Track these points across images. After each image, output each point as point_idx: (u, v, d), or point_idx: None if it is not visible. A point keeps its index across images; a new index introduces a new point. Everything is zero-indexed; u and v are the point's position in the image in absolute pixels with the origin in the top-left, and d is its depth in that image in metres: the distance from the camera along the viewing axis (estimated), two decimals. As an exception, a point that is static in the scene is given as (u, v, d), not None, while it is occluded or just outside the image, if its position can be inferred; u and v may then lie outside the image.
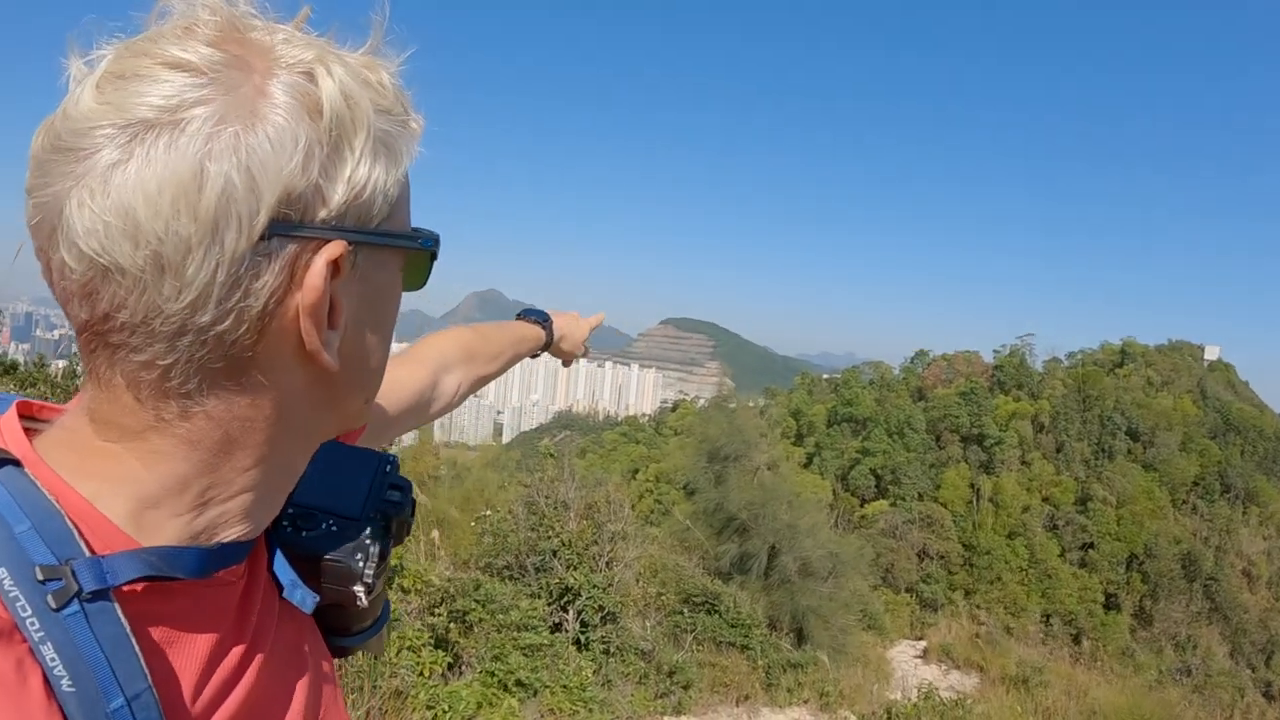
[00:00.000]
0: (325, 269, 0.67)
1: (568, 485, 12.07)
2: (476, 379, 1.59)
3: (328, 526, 0.86)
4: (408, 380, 1.37)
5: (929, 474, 48.36)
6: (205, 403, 0.68)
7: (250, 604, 0.79)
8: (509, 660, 7.59)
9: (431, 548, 10.50)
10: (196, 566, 0.70)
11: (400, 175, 0.74)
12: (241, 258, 0.64)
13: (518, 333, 1.76)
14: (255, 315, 0.66)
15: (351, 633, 0.96)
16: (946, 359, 58.27)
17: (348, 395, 0.78)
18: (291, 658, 0.85)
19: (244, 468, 0.72)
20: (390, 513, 0.90)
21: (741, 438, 19.66)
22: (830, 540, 18.15)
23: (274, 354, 0.69)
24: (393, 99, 0.74)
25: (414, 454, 20.84)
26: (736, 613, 12.85)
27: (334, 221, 0.68)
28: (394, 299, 0.81)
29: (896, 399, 53.29)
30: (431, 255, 0.83)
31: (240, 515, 0.74)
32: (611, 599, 10.47)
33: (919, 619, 27.63)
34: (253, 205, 0.63)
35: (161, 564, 0.67)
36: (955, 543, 43.33)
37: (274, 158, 0.64)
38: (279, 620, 0.83)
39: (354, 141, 0.69)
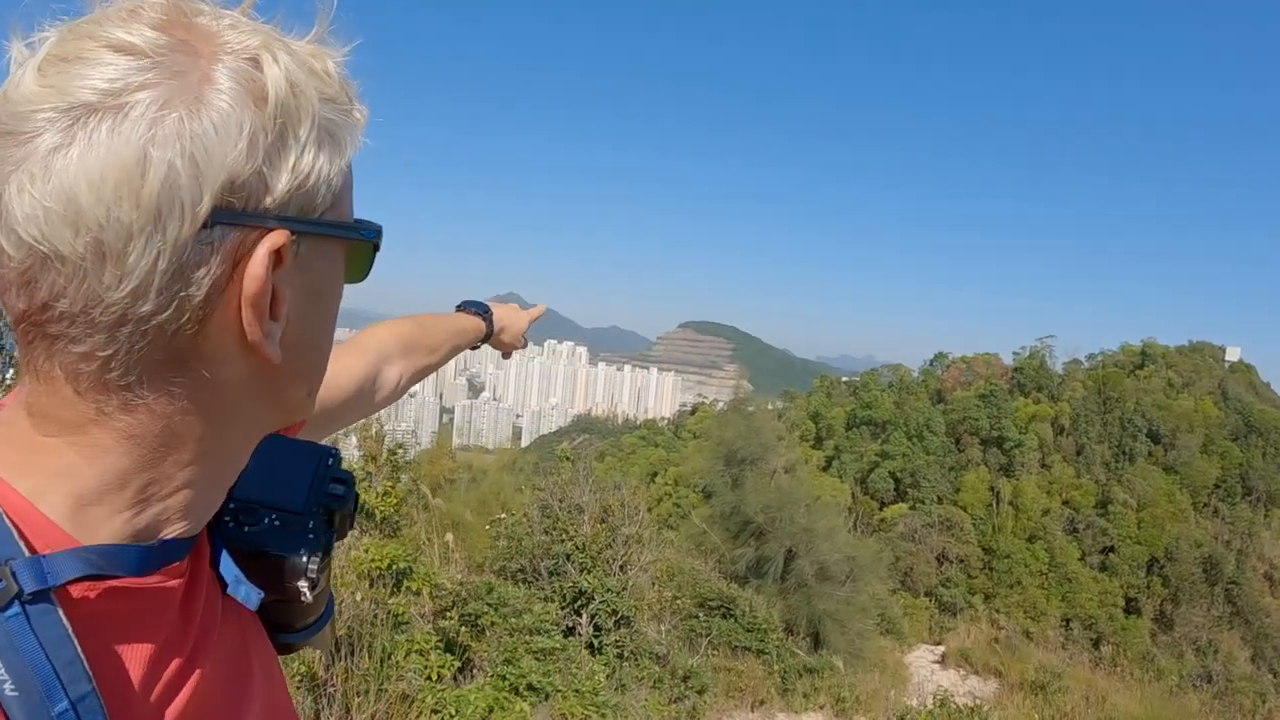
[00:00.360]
0: (267, 258, 0.66)
1: (582, 488, 12.06)
2: (418, 370, 1.57)
3: (270, 521, 0.85)
4: (349, 372, 1.35)
5: (948, 477, 47.84)
6: (146, 395, 0.66)
7: (194, 602, 0.77)
8: (521, 664, 7.55)
9: (446, 551, 10.50)
10: (138, 565, 0.69)
11: (344, 165, 0.73)
12: (184, 246, 0.62)
13: (458, 324, 1.74)
14: (197, 305, 0.65)
15: (296, 629, 0.94)
16: (966, 361, 57.70)
17: (290, 387, 0.77)
18: (236, 656, 0.83)
19: (186, 462, 0.71)
20: (333, 506, 0.89)
21: (759, 441, 19.65)
22: (848, 544, 18.09)
23: (215, 345, 0.68)
24: (338, 88, 0.73)
25: (430, 457, 20.86)
26: (753, 617, 12.80)
27: (277, 210, 0.67)
28: (337, 290, 0.80)
29: (916, 401, 52.81)
30: (374, 247, 0.81)
31: (182, 511, 0.73)
32: (625, 603, 10.43)
33: (938, 623, 27.50)
34: (196, 192, 0.62)
35: (103, 562, 0.66)
36: (975, 546, 42.85)
37: (218, 144, 0.63)
38: (223, 617, 0.81)
39: (299, 129, 0.68)
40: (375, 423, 9.99)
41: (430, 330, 1.63)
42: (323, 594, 0.93)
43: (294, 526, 0.85)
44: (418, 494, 12.63)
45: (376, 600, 5.89)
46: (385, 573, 6.30)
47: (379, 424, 10.18)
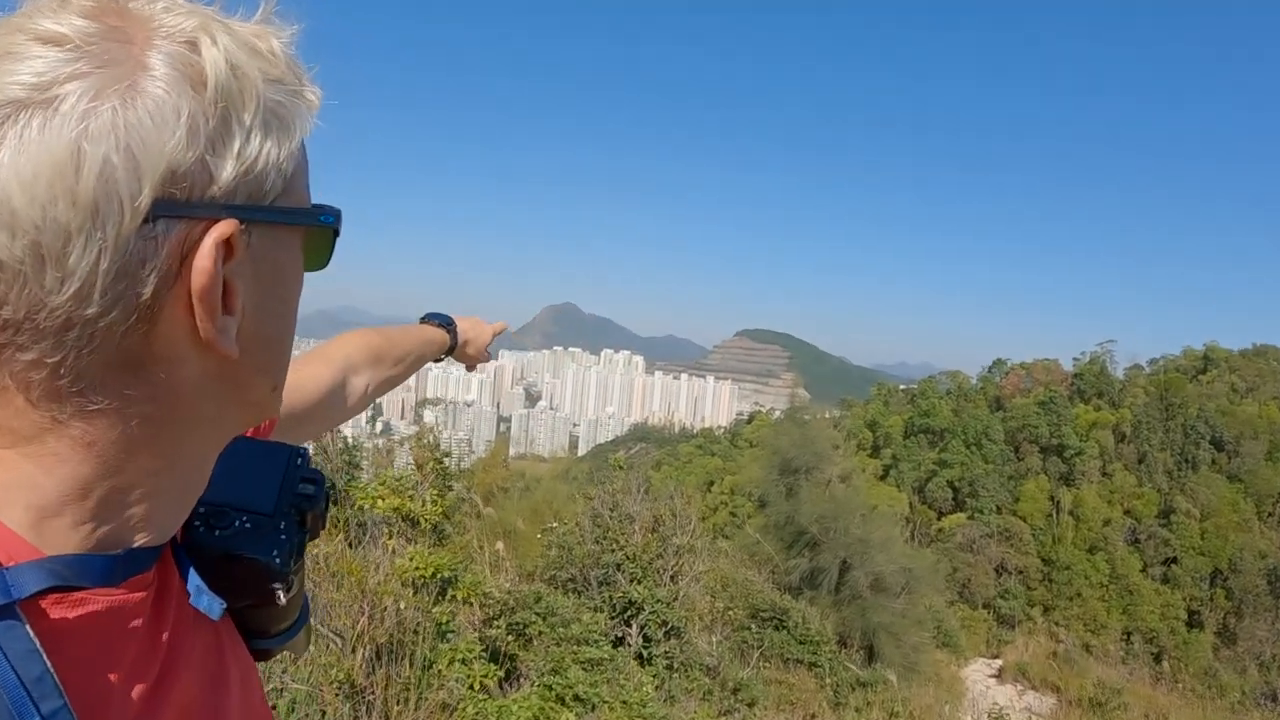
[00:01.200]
0: (215, 250, 0.64)
1: (634, 497, 12.02)
2: (383, 380, 1.56)
3: (241, 524, 0.83)
4: (316, 379, 1.33)
5: (1007, 486, 47.21)
6: (101, 400, 0.64)
7: (164, 611, 0.75)
8: (568, 674, 7.50)
9: (496, 559, 10.53)
10: (105, 575, 0.67)
11: (294, 149, 0.71)
12: (126, 243, 0.60)
13: (423, 336, 1.74)
14: (145, 304, 0.62)
15: (271, 634, 0.94)
16: (1025, 367, 56.93)
17: (252, 383, 0.74)
18: (212, 664, 0.81)
19: (149, 468, 0.69)
20: (304, 507, 0.89)
21: (813, 450, 19.49)
22: (904, 555, 17.88)
23: (169, 344, 0.65)
24: (284, 68, 0.70)
25: (484, 466, 20.95)
26: (805, 629, 12.66)
27: (223, 199, 0.65)
28: (295, 280, 0.77)
29: (974, 409, 52.17)
30: (334, 232, 0.79)
31: (149, 518, 0.71)
32: (676, 613, 10.36)
33: (995, 636, 27.06)
34: (134, 186, 0.59)
35: (68, 573, 0.64)
36: (1034, 557, 42.19)
37: (155, 134, 0.60)
38: (196, 625, 0.79)
39: (242, 114, 0.65)
40: (430, 432, 10.03)
41: (396, 342, 1.62)
42: (297, 597, 0.92)
43: (265, 528, 0.84)
44: (470, 503, 12.70)
45: (420, 608, 5.89)
46: (430, 581, 6.29)
47: (434, 433, 10.23)
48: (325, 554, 5.49)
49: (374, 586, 5.42)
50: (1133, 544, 44.78)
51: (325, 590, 5.21)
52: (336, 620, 5.04)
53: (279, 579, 0.84)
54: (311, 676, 4.54)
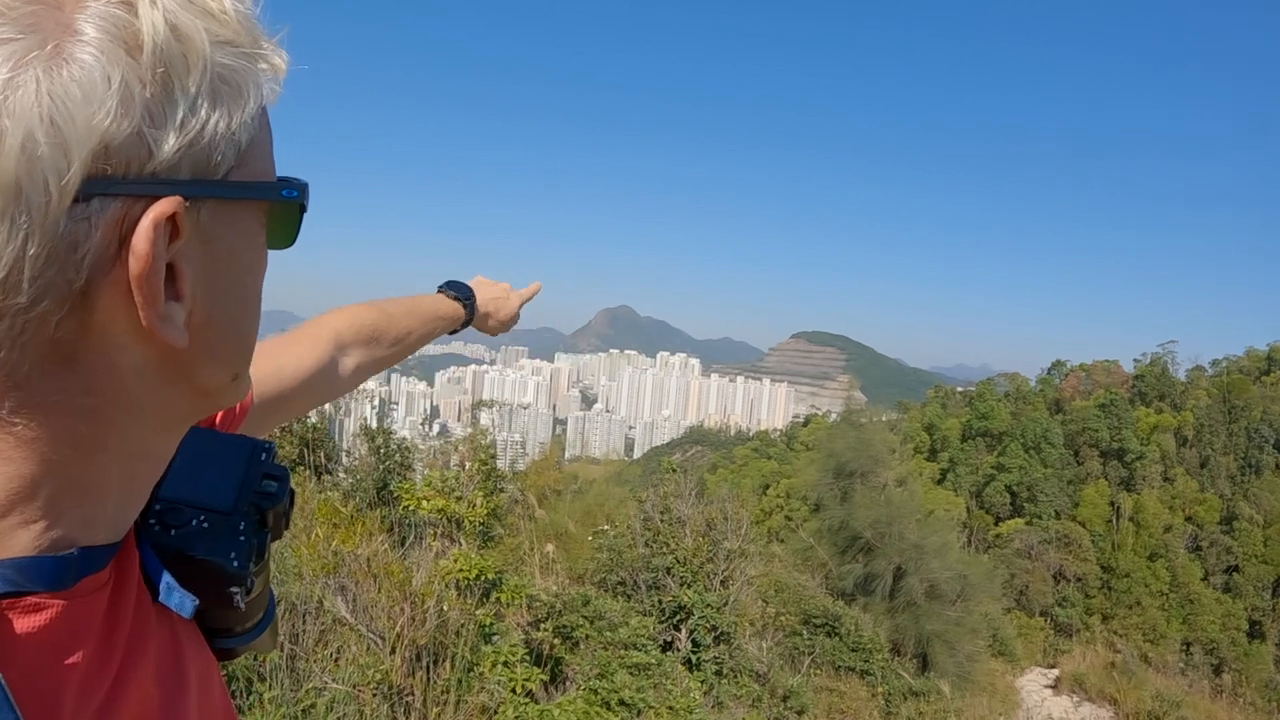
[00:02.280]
0: (153, 230, 0.57)
1: (685, 500, 11.97)
2: (377, 360, 1.46)
3: (198, 523, 0.78)
4: (298, 362, 1.26)
5: (1067, 491, 46.12)
6: (39, 394, 0.59)
7: (120, 612, 0.70)
8: (614, 678, 7.47)
9: (546, 561, 10.55)
10: (57, 577, 0.62)
11: (249, 117, 0.64)
12: (55, 225, 0.54)
13: (433, 310, 1.62)
14: (79, 291, 0.57)
15: (235, 633, 0.88)
16: (1085, 369, 55.72)
17: (207, 372, 0.68)
18: (171, 666, 0.75)
19: (98, 463, 0.64)
20: (266, 505, 0.83)
21: (869, 453, 19.27)
22: (960, 561, 17.59)
23: (109, 333, 0.59)
24: (236, 28, 0.63)
25: (537, 468, 21.06)
26: (858, 636, 12.52)
27: (165, 174, 0.58)
28: (255, 260, 0.70)
29: (1033, 412, 51.09)
30: (300, 207, 0.72)
31: (102, 515, 0.66)
32: (726, 619, 10.29)
33: (1053, 645, 26.57)
34: (61, 163, 0.53)
35: (18, 577, 0.60)
36: (1093, 564, 41.16)
37: (84, 104, 0.54)
38: (155, 623, 0.74)
39: (186, 79, 0.59)
40: (483, 434, 10.07)
41: (395, 319, 1.51)
42: (260, 597, 0.87)
43: (222, 528, 0.78)
44: (524, 504, 12.75)
45: (464, 610, 5.88)
46: (473, 583, 6.29)
47: (489, 435, 10.27)
48: (368, 555, 5.51)
49: (416, 588, 5.43)
50: (1194, 551, 43.56)
51: (366, 591, 5.22)
52: (377, 621, 5.04)
53: (236, 582, 0.79)
54: (350, 677, 4.55)
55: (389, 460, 9.33)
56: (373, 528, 6.28)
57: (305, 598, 4.81)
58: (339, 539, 5.62)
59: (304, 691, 4.17)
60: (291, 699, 4.06)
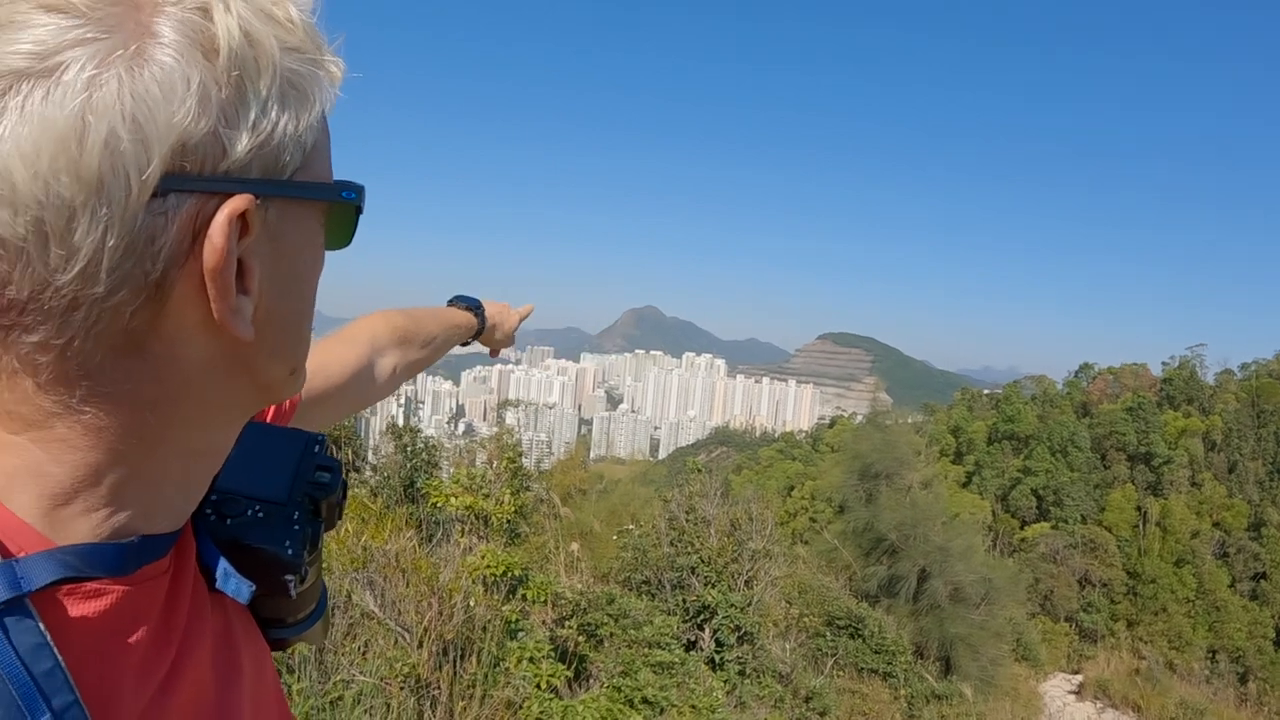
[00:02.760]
0: (228, 226, 0.60)
1: (710, 501, 11.98)
2: (411, 363, 1.50)
3: (253, 513, 0.80)
4: (341, 361, 1.28)
5: (1093, 495, 45.30)
6: (110, 384, 0.61)
7: (179, 600, 0.72)
8: (638, 676, 7.48)
9: (571, 560, 10.57)
10: (118, 564, 0.64)
11: (314, 120, 0.66)
12: (134, 219, 0.56)
13: (451, 319, 1.67)
14: (154, 283, 0.59)
15: (288, 624, 0.90)
16: (1112, 372, 54.70)
17: (269, 366, 0.70)
18: (226, 653, 0.78)
19: (162, 453, 0.66)
20: (319, 495, 0.85)
21: (894, 455, 19.11)
22: (984, 564, 17.40)
23: (180, 325, 0.61)
24: (302, 36, 0.65)
25: (563, 467, 21.11)
26: (881, 638, 12.45)
27: (238, 173, 0.61)
28: (315, 259, 0.73)
29: (1060, 415, 50.21)
30: (356, 209, 0.75)
31: (163, 504, 0.68)
32: (749, 619, 10.29)
33: (1077, 650, 26.22)
34: (142, 159, 0.55)
35: (80, 564, 0.61)
36: (1119, 569, 40.26)
37: (164, 104, 0.56)
38: (210, 611, 0.76)
39: (258, 83, 0.61)
40: (509, 433, 10.10)
41: (423, 323, 1.55)
42: (313, 588, 0.89)
43: (277, 517, 0.81)
44: (549, 503, 12.79)
45: (490, 606, 5.92)
46: (500, 580, 6.33)
47: (515, 434, 10.31)
48: (396, 550, 5.56)
49: (444, 583, 5.48)
50: (1221, 558, 42.74)
51: (394, 585, 5.27)
52: (405, 615, 5.09)
53: (291, 570, 0.81)
54: (378, 670, 4.59)
55: (415, 458, 9.39)
56: (400, 524, 6.33)
57: (334, 592, 4.87)
58: (368, 534, 5.67)
59: (332, 684, 4.22)
60: (319, 691, 4.12)
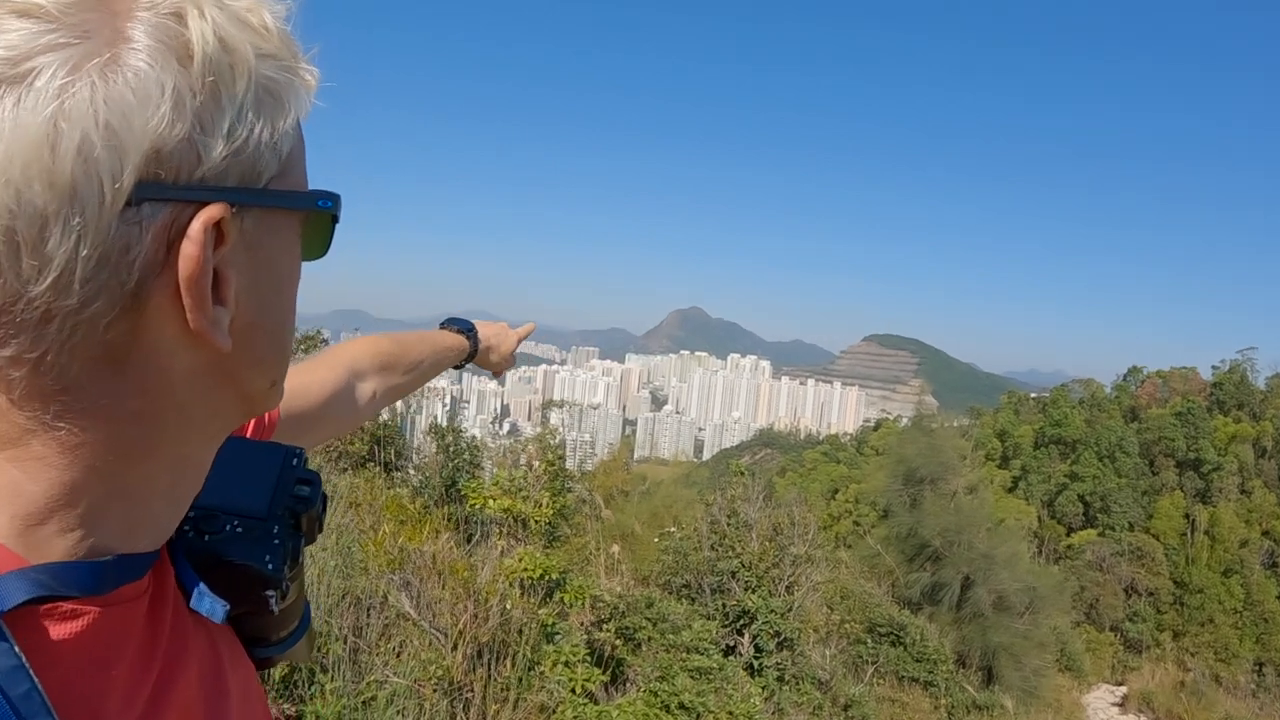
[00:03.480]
0: (203, 235, 0.59)
1: (753, 504, 11.91)
2: (392, 388, 1.49)
3: (232, 528, 0.79)
4: (321, 384, 1.28)
5: (1140, 502, 44.28)
6: (86, 398, 0.59)
7: (159, 619, 0.71)
8: (675, 681, 7.44)
9: (611, 562, 10.55)
10: (92, 583, 0.62)
11: (289, 128, 0.66)
12: (107, 228, 0.55)
13: (441, 342, 1.66)
14: (129, 293, 0.57)
15: (271, 642, 0.90)
16: (1161, 376, 53.43)
17: (249, 378, 0.70)
18: (210, 674, 0.77)
19: (140, 470, 0.65)
20: (300, 509, 0.84)
21: (939, 459, 18.88)
22: (1029, 572, 17.12)
23: (157, 336, 0.60)
24: (278, 43, 0.65)
25: (605, 469, 21.12)
26: (923, 646, 12.30)
27: (213, 181, 0.60)
28: (293, 269, 0.72)
29: (1108, 419, 49.11)
30: (332, 218, 0.74)
31: (142, 522, 0.67)
32: (789, 625, 10.21)
33: (1121, 661, 25.70)
34: (115, 166, 0.55)
35: (53, 583, 0.59)
36: (1166, 578, 39.19)
37: (138, 110, 0.55)
38: (193, 634, 0.75)
39: (234, 89, 0.60)
40: (552, 434, 10.10)
41: (408, 348, 1.56)
42: (296, 604, 0.88)
43: (257, 532, 0.80)
44: (591, 504, 12.80)
45: (526, 609, 5.93)
46: (537, 582, 6.33)
47: (557, 435, 10.31)
48: (433, 552, 5.58)
49: (480, 586, 5.49)
50: (1270, 568, 41.48)
51: (430, 587, 5.29)
52: (440, 618, 5.11)
53: (272, 586, 0.80)
54: (412, 671, 4.61)
55: (458, 458, 9.41)
56: (438, 525, 6.36)
57: (370, 592, 4.90)
58: (405, 535, 5.70)
59: (365, 684, 4.24)
60: (353, 690, 4.14)
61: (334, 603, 4.58)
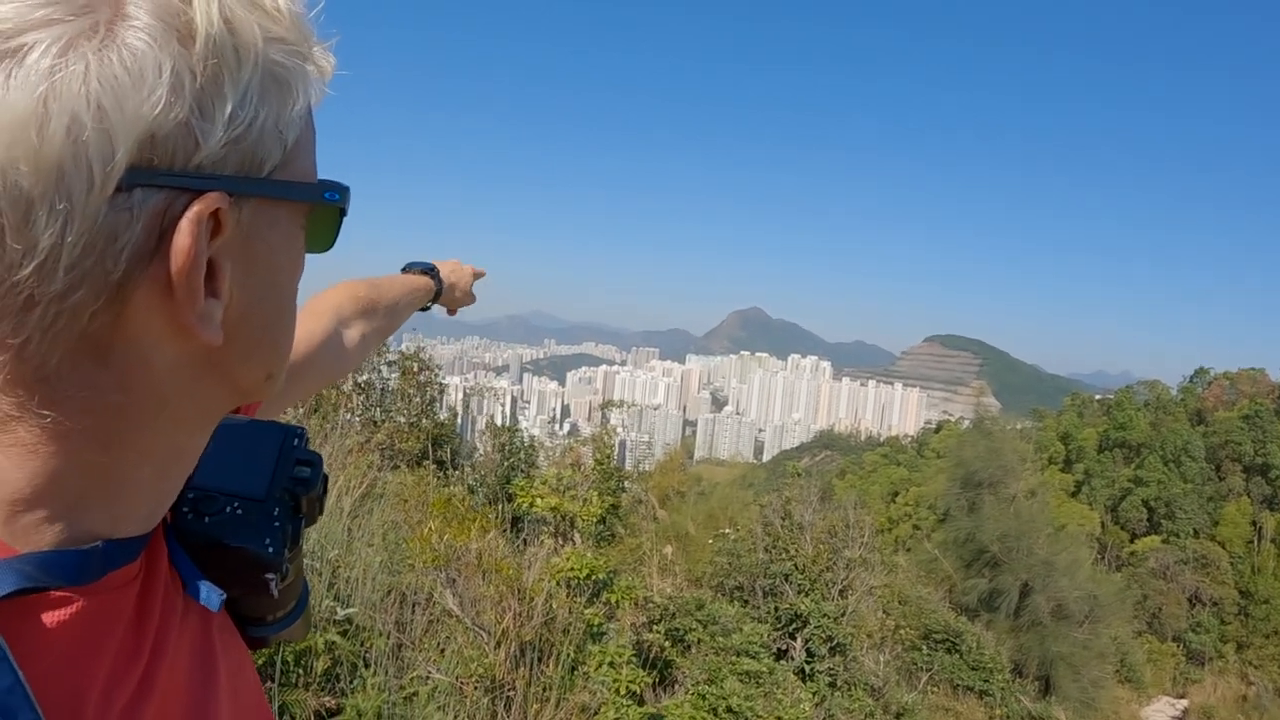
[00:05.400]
0: (197, 225, 0.56)
1: (808, 506, 11.82)
2: (377, 330, 1.49)
3: (231, 510, 0.77)
4: (308, 337, 1.25)
5: (1206, 508, 43.01)
6: (69, 389, 0.57)
7: (149, 606, 0.69)
8: (724, 684, 7.40)
9: (665, 563, 10.53)
10: (79, 572, 0.61)
11: (297, 116, 0.63)
12: (95, 214, 0.53)
13: (410, 284, 1.65)
14: (116, 283, 0.55)
15: (267, 621, 0.89)
16: (1229, 377, 51.89)
17: (241, 371, 0.67)
18: (201, 660, 0.75)
19: (130, 458, 0.63)
20: (299, 491, 0.83)
21: (998, 462, 18.48)
22: (1090, 580, 16.67)
23: (143, 327, 0.58)
24: (288, 25, 0.61)
25: (662, 469, 21.03)
26: (979, 654, 12.08)
27: (210, 169, 0.57)
28: (294, 262, 0.69)
29: (1173, 423, 47.77)
30: (340, 211, 0.71)
31: (129, 510, 0.65)
32: (842, 629, 10.10)
33: (1183, 673, 24.86)
34: (106, 149, 0.52)
35: (38, 573, 0.58)
36: (1231, 588, 37.81)
37: (133, 91, 0.53)
38: (184, 618, 0.73)
39: (237, 73, 0.58)
40: (609, 433, 10.06)
41: (384, 291, 1.54)
42: (295, 584, 0.88)
43: (257, 514, 0.78)
44: (647, 504, 12.78)
45: (572, 609, 5.93)
46: (583, 582, 6.33)
47: (611, 435, 10.28)
48: (478, 549, 5.61)
49: (526, 584, 5.50)
50: (1337, 579, 40.28)
51: (473, 585, 5.31)
52: (484, 615, 5.13)
53: (272, 568, 0.78)
54: (454, 668, 4.64)
55: (513, 457, 9.42)
56: (486, 523, 6.38)
57: (415, 588, 4.93)
58: (451, 533, 5.72)
59: (408, 679, 4.28)
60: (395, 685, 4.17)
61: (379, 598, 4.62)
